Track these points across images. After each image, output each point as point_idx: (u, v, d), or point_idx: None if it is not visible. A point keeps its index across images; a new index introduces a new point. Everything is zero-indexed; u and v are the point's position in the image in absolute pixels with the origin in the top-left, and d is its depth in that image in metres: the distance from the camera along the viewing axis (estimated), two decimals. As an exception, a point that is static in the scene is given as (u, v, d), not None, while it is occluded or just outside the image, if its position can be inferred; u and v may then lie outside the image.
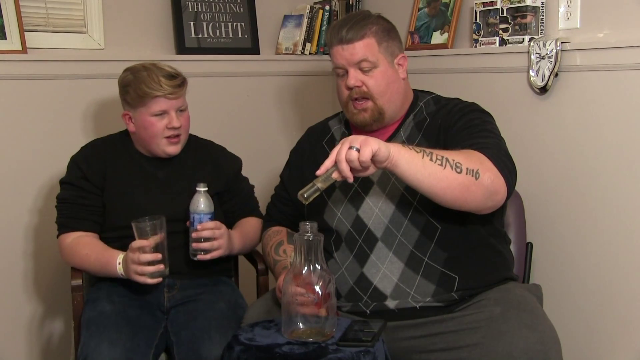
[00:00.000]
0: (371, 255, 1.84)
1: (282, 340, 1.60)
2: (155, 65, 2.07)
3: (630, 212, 1.95)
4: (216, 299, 2.06)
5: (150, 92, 2.00)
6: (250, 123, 2.94)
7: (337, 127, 2.07)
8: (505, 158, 1.75)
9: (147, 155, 2.15)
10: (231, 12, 2.90)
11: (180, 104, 2.07)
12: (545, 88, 2.13)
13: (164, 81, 2.01)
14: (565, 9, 2.11)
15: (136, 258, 1.88)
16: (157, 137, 2.06)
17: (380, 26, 1.90)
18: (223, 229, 2.00)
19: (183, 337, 1.98)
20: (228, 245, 2.03)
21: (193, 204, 1.97)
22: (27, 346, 2.58)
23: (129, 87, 2.05)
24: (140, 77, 2.02)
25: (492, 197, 1.69)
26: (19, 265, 2.54)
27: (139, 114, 2.05)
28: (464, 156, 1.66)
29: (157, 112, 2.03)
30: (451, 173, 1.62)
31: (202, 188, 1.98)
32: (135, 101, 2.04)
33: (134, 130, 2.10)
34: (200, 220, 1.96)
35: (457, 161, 1.63)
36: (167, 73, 2.04)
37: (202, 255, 1.98)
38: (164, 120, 2.04)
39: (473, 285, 1.79)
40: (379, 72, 1.88)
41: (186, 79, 2.08)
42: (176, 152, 2.10)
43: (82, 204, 2.09)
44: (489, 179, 1.66)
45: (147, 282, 1.90)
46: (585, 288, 2.09)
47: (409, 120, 1.95)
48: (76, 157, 2.16)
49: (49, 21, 2.56)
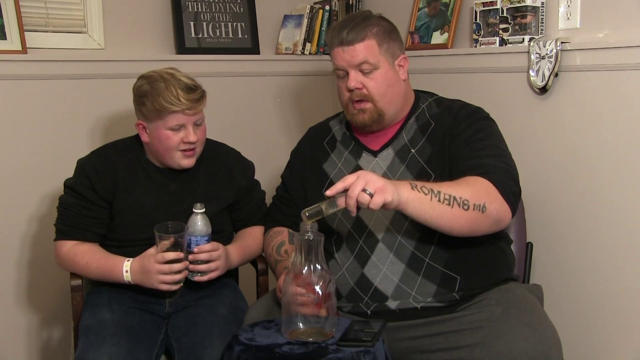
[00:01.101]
0: (372, 256, 1.84)
1: (282, 340, 1.60)
2: (173, 75, 1.96)
3: (630, 211, 1.95)
4: (217, 302, 2.04)
5: (168, 107, 1.91)
6: (250, 123, 2.94)
7: (338, 128, 2.06)
8: (511, 182, 1.77)
9: (159, 167, 2.09)
10: (231, 12, 2.90)
11: (198, 117, 1.98)
12: (545, 88, 2.13)
13: (182, 95, 1.91)
14: (565, 9, 2.11)
15: (167, 268, 1.88)
16: (172, 150, 1.99)
17: (381, 27, 1.90)
18: (220, 250, 1.98)
19: (184, 343, 1.96)
20: (226, 264, 2.01)
21: (190, 225, 1.95)
22: (26, 347, 2.58)
23: (146, 98, 1.95)
24: (158, 88, 1.93)
25: (497, 224, 1.75)
26: (18, 268, 2.54)
27: (154, 126, 1.97)
28: (471, 190, 1.68)
29: (174, 126, 1.96)
30: (458, 211, 1.66)
31: (199, 210, 1.95)
32: (151, 114, 1.95)
33: (148, 141, 2.02)
34: (197, 243, 1.95)
35: (464, 198, 1.66)
36: (186, 85, 1.94)
37: (199, 277, 1.96)
38: (180, 134, 1.96)
39: (474, 285, 1.79)
40: (379, 74, 1.88)
41: (205, 92, 1.99)
42: (190, 165, 2.03)
43: (85, 215, 2.03)
44: (495, 210, 1.71)
45: (171, 289, 1.92)
46: (585, 288, 2.09)
47: (411, 122, 1.94)
48: (85, 164, 2.06)
49: (49, 21, 2.56)
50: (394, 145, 1.93)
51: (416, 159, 1.88)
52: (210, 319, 1.99)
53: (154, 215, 2.01)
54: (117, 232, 2.06)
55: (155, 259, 1.88)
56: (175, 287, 1.93)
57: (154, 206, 2.05)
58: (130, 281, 1.95)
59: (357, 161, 1.95)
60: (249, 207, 2.19)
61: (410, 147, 1.90)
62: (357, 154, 1.97)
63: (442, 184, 1.69)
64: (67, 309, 2.21)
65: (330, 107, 2.97)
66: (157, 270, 1.88)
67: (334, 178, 1.96)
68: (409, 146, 1.90)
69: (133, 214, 2.04)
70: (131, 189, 2.06)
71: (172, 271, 1.89)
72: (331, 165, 2.00)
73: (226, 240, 2.12)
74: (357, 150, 1.97)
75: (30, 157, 2.50)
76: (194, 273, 1.96)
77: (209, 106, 2.05)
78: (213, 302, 2.05)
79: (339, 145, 2.02)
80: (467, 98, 2.00)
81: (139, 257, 1.94)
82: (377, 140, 1.96)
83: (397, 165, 1.89)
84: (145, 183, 2.07)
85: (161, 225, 1.90)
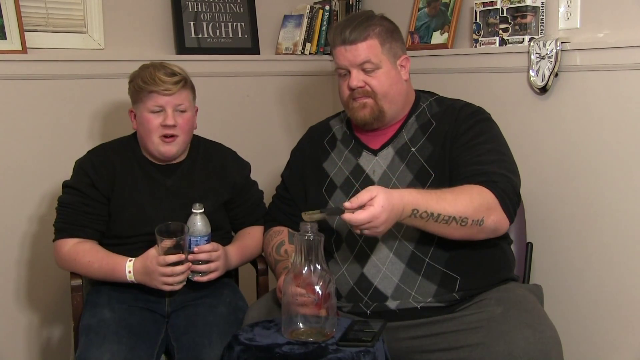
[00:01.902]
0: (372, 256, 1.84)
1: (282, 340, 1.60)
2: (162, 63, 2.06)
3: (630, 211, 1.95)
4: (217, 302, 2.05)
5: (144, 86, 2.00)
6: (250, 123, 2.94)
7: (339, 127, 2.06)
8: (511, 192, 1.78)
9: (154, 163, 2.11)
10: (231, 12, 2.90)
11: (178, 102, 2.03)
12: (545, 88, 2.13)
13: (160, 76, 1.99)
14: (565, 9, 2.11)
15: (169, 271, 1.89)
16: (152, 134, 2.03)
17: (384, 27, 1.90)
18: (220, 251, 1.99)
19: (184, 343, 1.96)
20: (225, 265, 2.02)
21: (190, 226, 1.95)
22: (26, 347, 2.58)
23: (131, 82, 2.06)
24: (142, 73, 2.03)
25: (494, 233, 1.78)
26: (18, 268, 2.54)
27: (138, 110, 2.05)
28: (472, 205, 1.70)
29: (153, 107, 2.01)
30: (457, 228, 1.70)
31: (198, 210, 1.96)
32: (133, 95, 2.05)
33: (136, 127, 2.09)
34: (197, 243, 1.95)
35: (463, 217, 1.68)
36: (168, 71, 2.03)
37: (199, 277, 1.97)
38: (159, 118, 2.02)
39: (475, 285, 1.79)
40: (381, 73, 1.88)
41: (188, 79, 2.06)
42: (170, 153, 2.06)
43: (86, 211, 2.05)
44: (492, 222, 1.73)
45: (174, 289, 1.93)
46: (585, 288, 2.09)
47: (412, 121, 1.94)
48: (83, 163, 2.10)
49: (49, 21, 2.56)
50: (394, 144, 1.93)
51: (416, 157, 1.88)
52: (209, 318, 2.00)
53: (150, 211, 2.04)
54: (114, 228, 2.07)
55: (157, 262, 1.89)
56: (178, 287, 1.94)
57: (150, 202, 2.07)
58: (133, 281, 1.96)
59: (357, 160, 1.95)
60: (246, 206, 2.20)
61: (410, 145, 1.90)
62: (357, 152, 1.97)
63: (443, 198, 1.69)
64: (67, 309, 2.21)
65: (330, 107, 2.97)
66: (160, 272, 1.89)
67: (334, 177, 1.97)
68: (409, 145, 1.90)
69: (130, 210, 2.06)
70: (128, 185, 2.08)
71: (174, 273, 1.90)
72: (331, 164, 2.00)
73: (224, 239, 2.13)
74: (357, 149, 1.97)
75: (30, 157, 2.50)
76: (194, 273, 1.97)
77: (209, 106, 2.05)
78: (213, 301, 2.05)
79: (339, 144, 2.02)
80: (467, 98, 2.00)
81: (141, 258, 1.94)
82: (377, 139, 1.96)
83: (397, 164, 1.89)
84: (141, 179, 2.09)
85: (162, 227, 1.90)
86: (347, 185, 1.93)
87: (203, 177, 2.14)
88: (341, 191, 1.93)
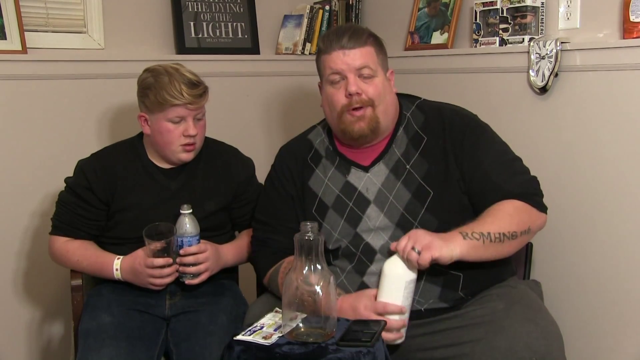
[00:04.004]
0: (371, 266, 1.83)
1: (282, 340, 1.60)
2: (177, 70, 1.99)
3: (629, 211, 1.96)
4: (218, 310, 2.03)
5: (170, 100, 1.94)
6: (250, 123, 2.94)
7: (320, 141, 1.99)
8: (534, 189, 1.85)
9: (159, 166, 2.10)
10: (231, 12, 2.90)
11: (198, 111, 2.01)
12: (545, 88, 2.13)
13: (185, 90, 1.94)
14: (565, 9, 2.11)
15: (157, 273, 1.91)
16: (173, 144, 2.01)
17: (376, 39, 1.90)
18: (207, 252, 1.97)
19: (183, 350, 1.96)
20: (217, 264, 2.01)
21: (179, 227, 1.95)
22: (26, 347, 2.58)
23: (149, 91, 1.98)
24: (162, 82, 1.96)
25: (539, 231, 1.87)
26: (19, 267, 2.54)
27: (155, 118, 2.00)
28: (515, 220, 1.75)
29: (174, 118, 1.98)
30: (508, 243, 1.74)
31: (186, 211, 1.96)
32: (154, 106, 1.98)
33: (149, 133, 2.04)
34: (189, 243, 1.95)
35: (512, 231, 1.74)
36: (189, 80, 1.97)
37: (190, 280, 1.97)
38: (180, 127, 1.99)
39: (477, 282, 1.79)
40: (378, 81, 1.85)
41: (207, 88, 2.02)
42: (189, 159, 2.06)
43: (80, 214, 2.05)
44: (537, 226, 1.83)
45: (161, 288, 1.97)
46: (585, 287, 2.09)
47: (400, 135, 1.90)
48: (84, 165, 2.08)
49: (49, 21, 2.56)
50: (386, 160, 1.88)
51: (413, 175, 1.84)
52: (210, 327, 1.98)
53: (153, 214, 2.03)
54: (116, 229, 2.07)
55: (145, 264, 1.91)
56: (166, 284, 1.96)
57: (154, 204, 2.06)
58: (120, 279, 1.99)
59: (346, 177, 1.90)
60: (249, 207, 2.18)
61: (405, 162, 1.86)
62: (345, 169, 1.91)
63: (484, 221, 1.73)
64: (68, 306, 2.21)
65: (330, 107, 2.97)
66: (147, 274, 1.92)
67: (323, 197, 1.91)
68: (404, 161, 1.86)
69: (133, 213, 2.05)
70: (131, 187, 2.07)
71: (162, 275, 1.93)
72: (317, 182, 1.94)
73: (227, 239, 2.13)
74: (345, 166, 1.91)
75: (30, 157, 2.50)
76: (184, 275, 1.97)
77: (209, 106, 2.05)
78: (214, 308, 2.04)
79: (324, 161, 1.95)
80: (467, 98, 2.00)
81: (129, 257, 1.97)
82: (365, 155, 1.90)
83: (393, 181, 1.86)
84: (145, 182, 2.08)
85: (150, 228, 1.91)
86: (339, 205, 1.88)
87: (206, 177, 2.13)
88: (334, 212, 1.89)
